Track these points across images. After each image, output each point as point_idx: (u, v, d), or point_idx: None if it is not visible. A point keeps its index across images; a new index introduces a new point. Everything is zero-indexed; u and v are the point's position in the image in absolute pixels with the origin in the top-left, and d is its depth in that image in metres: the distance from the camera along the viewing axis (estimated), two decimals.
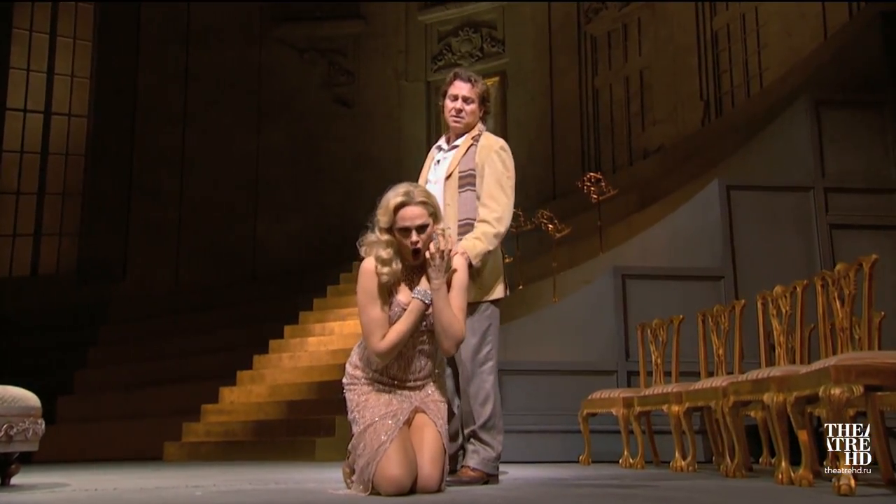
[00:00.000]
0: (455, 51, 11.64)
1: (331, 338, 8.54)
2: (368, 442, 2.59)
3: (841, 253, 5.81)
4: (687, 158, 8.77)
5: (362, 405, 2.67)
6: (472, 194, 3.26)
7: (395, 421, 2.62)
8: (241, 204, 11.67)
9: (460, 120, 3.34)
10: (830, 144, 5.91)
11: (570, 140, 10.53)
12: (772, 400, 3.19)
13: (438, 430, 2.66)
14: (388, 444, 2.56)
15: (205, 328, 10.17)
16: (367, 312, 2.66)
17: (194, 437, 7.79)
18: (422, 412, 2.69)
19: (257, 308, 10.27)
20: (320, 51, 12.11)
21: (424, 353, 2.71)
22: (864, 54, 6.37)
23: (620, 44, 10.49)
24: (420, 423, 2.67)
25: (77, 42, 12.68)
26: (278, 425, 7.35)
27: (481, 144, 3.34)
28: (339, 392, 8.10)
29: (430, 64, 11.74)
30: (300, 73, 12.02)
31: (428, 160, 3.51)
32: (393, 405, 2.66)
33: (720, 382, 3.83)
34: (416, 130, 11.55)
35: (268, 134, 11.84)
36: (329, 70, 12.02)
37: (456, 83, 3.36)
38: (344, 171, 11.55)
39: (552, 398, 5.70)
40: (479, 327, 3.16)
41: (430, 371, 2.75)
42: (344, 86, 11.96)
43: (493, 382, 3.15)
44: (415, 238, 2.65)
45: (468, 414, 3.12)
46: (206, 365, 9.22)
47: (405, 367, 2.70)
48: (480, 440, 3.09)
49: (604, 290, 6.00)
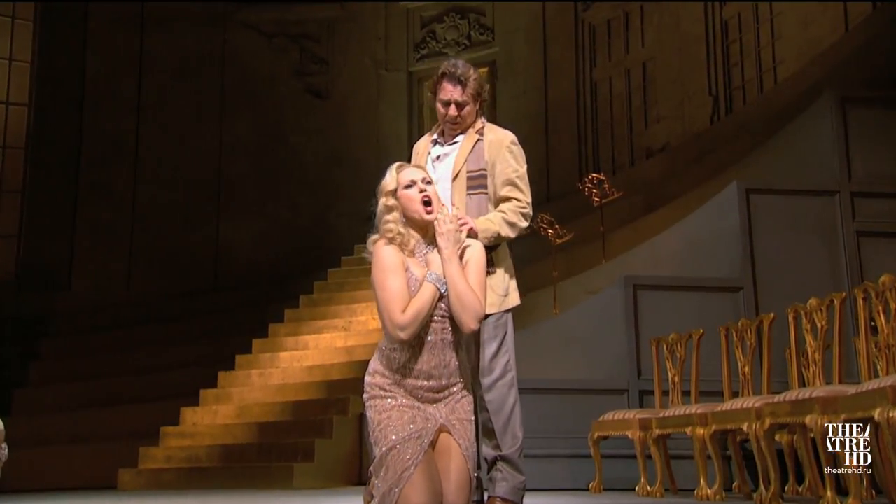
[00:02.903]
0: (440, 38, 11.64)
1: (305, 352, 8.46)
2: (391, 466, 2.59)
3: (868, 262, 5.89)
4: (696, 159, 8.84)
5: (384, 424, 2.66)
6: (485, 197, 3.24)
7: (420, 444, 2.61)
8: (203, 204, 11.54)
9: (457, 127, 3.31)
10: (857, 145, 6.00)
11: (565, 138, 10.57)
12: (815, 423, 3.20)
13: (464, 453, 2.66)
14: (412, 468, 2.56)
15: (162, 342, 10.01)
16: (386, 286, 2.68)
17: (153, 464, 7.67)
18: (446, 432, 2.68)
19: (221, 319, 10.16)
20: (291, 36, 12.03)
21: (450, 343, 2.72)
22: (891, 48, 6.47)
23: (621, 33, 10.56)
24: (445, 447, 2.67)
25: (17, 22, 12.45)
26: (249, 449, 7.26)
27: (489, 140, 3.30)
28: (318, 413, 7.96)
29: (413, 52, 11.72)
30: (268, 60, 11.92)
31: (419, 154, 3.43)
32: (417, 423, 2.65)
33: (752, 403, 3.85)
34: (396, 125, 11.52)
35: (232, 127, 11.73)
36: (300, 57, 11.95)
37: (445, 86, 3.27)
38: (317, 168, 11.47)
39: (557, 420, 5.69)
40: (495, 335, 3.15)
41: (457, 367, 2.73)
42: (317, 75, 11.89)
43: (516, 397, 3.14)
44: (422, 186, 2.75)
45: (488, 430, 3.11)
46: (165, 383, 9.06)
47: (431, 360, 2.69)
48: (511, 465, 3.09)
49: (612, 301, 6.02)
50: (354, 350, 8.11)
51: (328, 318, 9.06)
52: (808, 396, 3.34)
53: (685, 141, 9.45)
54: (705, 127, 9.38)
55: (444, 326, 2.70)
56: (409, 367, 2.69)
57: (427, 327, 2.68)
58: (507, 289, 3.22)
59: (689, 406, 4.56)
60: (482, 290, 2.74)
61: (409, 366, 2.69)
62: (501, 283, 3.20)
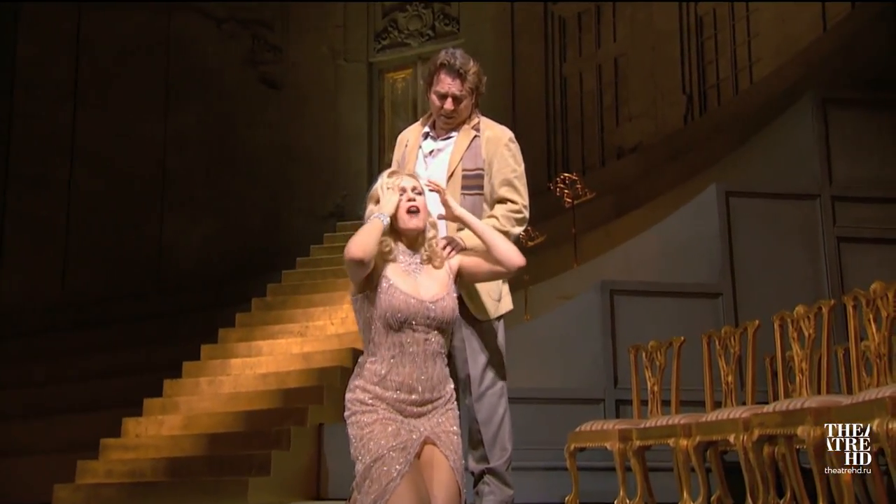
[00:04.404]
0: (402, 28, 11.63)
1: (259, 359, 8.37)
2: (376, 477, 2.59)
3: (849, 269, 6.04)
4: (669, 159, 8.97)
5: (367, 438, 2.66)
6: (479, 199, 3.23)
7: (405, 455, 2.63)
8: (146, 200, 11.36)
9: (451, 121, 3.30)
10: (838, 147, 6.14)
11: (534, 135, 10.62)
12: (808, 434, 3.27)
13: (452, 466, 2.68)
14: (398, 479, 2.57)
15: (101, 347, 9.82)
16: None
17: (92, 478, 7.51)
18: (432, 444, 2.70)
19: (166, 323, 10.01)
20: (242, 22, 11.91)
21: (432, 354, 2.74)
22: (872, 48, 6.65)
23: (593, 27, 10.67)
24: (431, 459, 2.68)
25: None
26: (198, 462, 7.16)
27: (486, 137, 3.29)
28: (273, 423, 7.87)
29: (374, 42, 11.69)
30: (218, 47, 11.79)
31: (409, 148, 3.40)
32: (402, 436, 2.66)
33: (740, 413, 3.92)
34: (356, 119, 11.48)
35: (178, 117, 11.56)
36: (253, 45, 11.84)
37: (442, 78, 3.23)
38: (271, 163, 11.37)
39: (529, 431, 5.69)
40: (488, 341, 3.17)
41: (441, 379, 2.75)
42: (270, 64, 11.80)
43: (506, 407, 3.15)
44: (411, 195, 2.81)
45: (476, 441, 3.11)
46: (105, 391, 8.89)
47: (413, 373, 2.70)
48: (499, 479, 3.10)
49: (587, 307, 6.06)
50: (312, 356, 8.05)
51: (283, 322, 8.98)
52: (800, 407, 3.41)
53: (658, 141, 9.58)
54: (679, 126, 9.52)
55: (426, 337, 2.72)
56: (390, 379, 2.70)
57: (409, 338, 2.70)
58: (501, 293, 3.23)
59: (671, 416, 4.62)
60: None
61: (390, 378, 2.70)
62: (495, 286, 3.20)
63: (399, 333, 2.70)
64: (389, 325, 2.69)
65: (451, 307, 2.76)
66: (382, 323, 2.70)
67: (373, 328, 2.72)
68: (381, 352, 2.72)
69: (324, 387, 7.33)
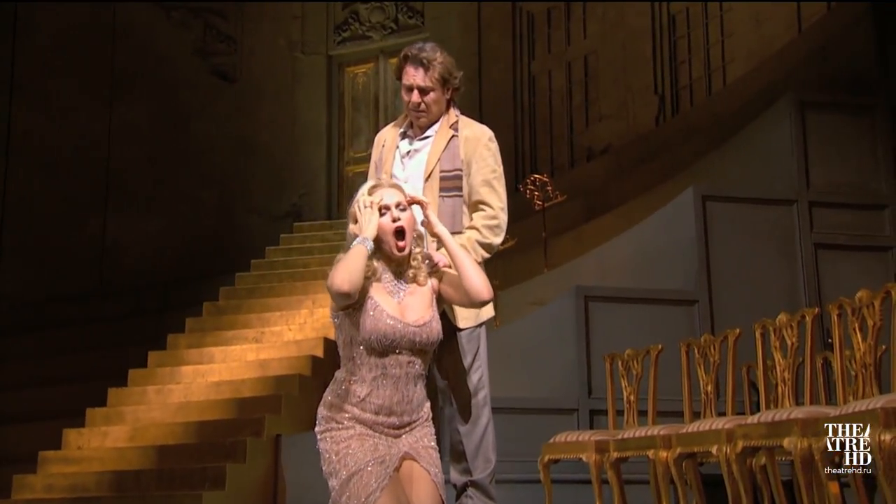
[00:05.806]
0: (363, 20, 11.61)
1: (211, 367, 8.29)
2: (355, 492, 2.61)
3: (826, 276, 6.18)
4: (641, 162, 9.09)
5: (343, 453, 2.67)
6: (459, 200, 3.25)
7: (384, 468, 2.65)
8: (87, 197, 11.17)
9: (422, 115, 3.32)
10: (816, 152, 6.29)
11: (501, 134, 10.43)
12: (796, 446, 3.34)
13: (433, 480, 2.71)
14: (378, 492, 2.59)
15: (39, 353, 9.67)
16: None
17: (30, 494, 7.38)
18: (412, 459, 2.72)
19: (110, 329, 9.85)
20: (193, 10, 11.79)
21: (414, 377, 2.76)
22: (850, 51, 6.81)
23: (562, 23, 10.76)
24: (410, 473, 2.71)
25: None
26: (147, 476, 7.06)
27: (465, 136, 3.33)
28: (228, 434, 7.81)
29: (333, 34, 11.64)
30: (167, 36, 11.65)
31: (386, 149, 3.42)
32: (380, 451, 2.68)
33: (722, 424, 3.99)
34: (314, 113, 11.42)
35: (124, 110, 11.40)
36: (205, 34, 11.72)
37: (407, 69, 3.29)
38: (223, 159, 11.26)
39: (499, 442, 5.71)
40: (469, 349, 3.18)
41: (420, 402, 2.78)
42: (224, 55, 11.69)
43: (489, 416, 3.17)
44: (396, 215, 2.75)
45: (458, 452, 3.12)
46: (44, 400, 8.74)
47: (394, 396, 2.72)
48: (482, 492, 3.13)
49: (560, 313, 6.12)
50: (268, 364, 8.00)
51: (237, 327, 8.90)
52: (787, 418, 3.49)
53: (629, 142, 9.69)
54: (651, 127, 9.65)
55: (410, 360, 2.73)
56: (369, 401, 2.71)
57: (393, 361, 2.71)
58: None
59: (650, 427, 4.68)
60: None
61: (369, 400, 2.71)
62: None
63: (382, 357, 2.71)
64: (373, 348, 2.70)
65: (436, 330, 2.78)
66: (366, 346, 2.71)
67: (354, 348, 2.73)
68: (362, 372, 2.72)
69: (281, 396, 7.28)
